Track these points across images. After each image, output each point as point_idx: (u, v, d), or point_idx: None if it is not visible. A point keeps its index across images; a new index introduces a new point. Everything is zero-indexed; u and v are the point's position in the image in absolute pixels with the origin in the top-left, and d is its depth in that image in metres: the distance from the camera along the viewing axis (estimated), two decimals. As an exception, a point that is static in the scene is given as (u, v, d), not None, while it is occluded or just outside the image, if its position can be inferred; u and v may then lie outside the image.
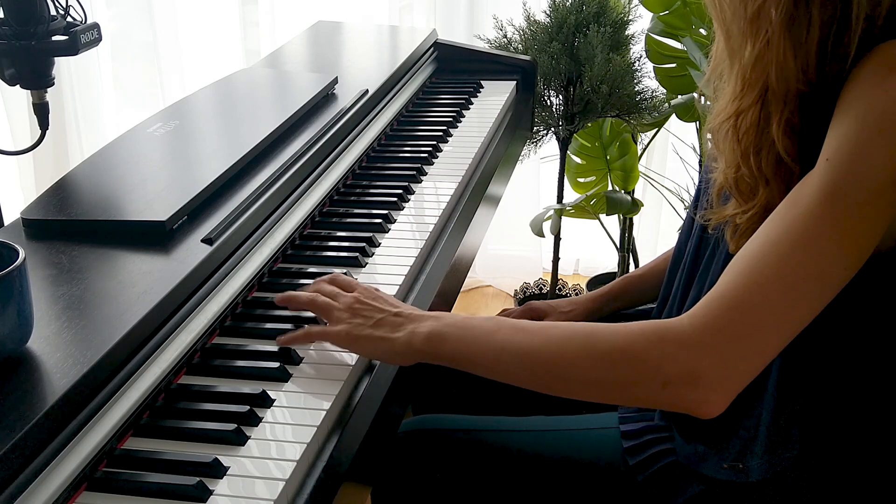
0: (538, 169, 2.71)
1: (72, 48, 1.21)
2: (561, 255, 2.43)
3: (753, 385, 0.93)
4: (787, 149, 0.84)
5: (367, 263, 1.15)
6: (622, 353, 0.83)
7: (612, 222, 2.51)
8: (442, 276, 1.17)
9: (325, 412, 0.87)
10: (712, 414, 0.81)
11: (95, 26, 1.24)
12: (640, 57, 2.21)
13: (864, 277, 0.82)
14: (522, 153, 2.14)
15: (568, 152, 2.34)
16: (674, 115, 2.27)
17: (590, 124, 2.29)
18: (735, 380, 0.80)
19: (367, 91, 1.52)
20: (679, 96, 2.23)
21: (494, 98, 1.74)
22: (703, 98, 1.02)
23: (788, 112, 0.84)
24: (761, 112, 0.86)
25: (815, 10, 0.81)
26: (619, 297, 1.30)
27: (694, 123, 2.28)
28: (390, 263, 1.15)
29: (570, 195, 2.43)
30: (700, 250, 1.04)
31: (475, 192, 1.40)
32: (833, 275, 0.79)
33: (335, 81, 1.53)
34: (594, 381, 0.85)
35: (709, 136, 0.96)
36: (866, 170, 0.77)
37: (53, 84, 1.25)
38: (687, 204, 2.42)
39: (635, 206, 2.36)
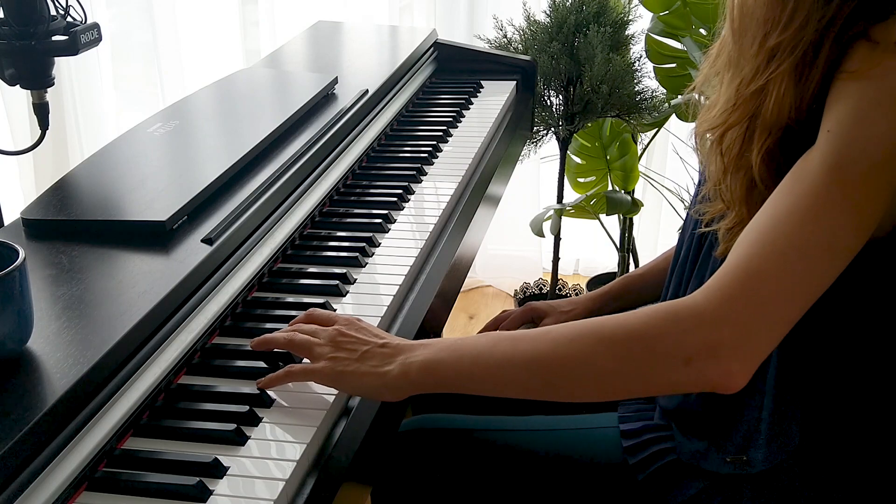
0: (538, 169, 2.71)
1: (72, 48, 1.21)
2: (561, 255, 2.43)
3: (753, 379, 0.93)
4: (762, 175, 0.85)
5: (367, 263, 1.15)
6: (638, 337, 0.81)
7: (612, 222, 2.51)
8: (442, 276, 1.17)
9: (325, 412, 0.87)
10: (737, 386, 0.79)
11: (95, 26, 1.24)
12: (640, 57, 2.21)
13: (862, 265, 0.82)
14: (522, 153, 2.14)
15: (568, 152, 2.34)
16: (674, 115, 2.27)
17: (590, 124, 2.29)
18: (755, 349, 0.79)
19: (367, 91, 1.52)
20: (679, 96, 2.23)
21: (494, 98, 1.74)
22: (700, 97, 1.02)
23: (771, 141, 0.85)
24: (746, 132, 0.87)
25: (823, 53, 0.82)
26: (620, 296, 1.30)
27: (694, 123, 2.28)
28: (390, 263, 1.15)
29: (570, 195, 2.43)
30: (698, 248, 1.04)
31: (475, 192, 1.40)
32: (844, 243, 0.79)
33: (335, 81, 1.53)
34: (612, 372, 0.82)
35: (693, 140, 0.97)
36: (868, 139, 0.78)
37: (53, 84, 1.25)
38: (687, 204, 2.42)
39: (635, 206, 2.36)
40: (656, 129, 2.39)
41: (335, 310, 1.03)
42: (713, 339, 0.79)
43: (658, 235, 2.79)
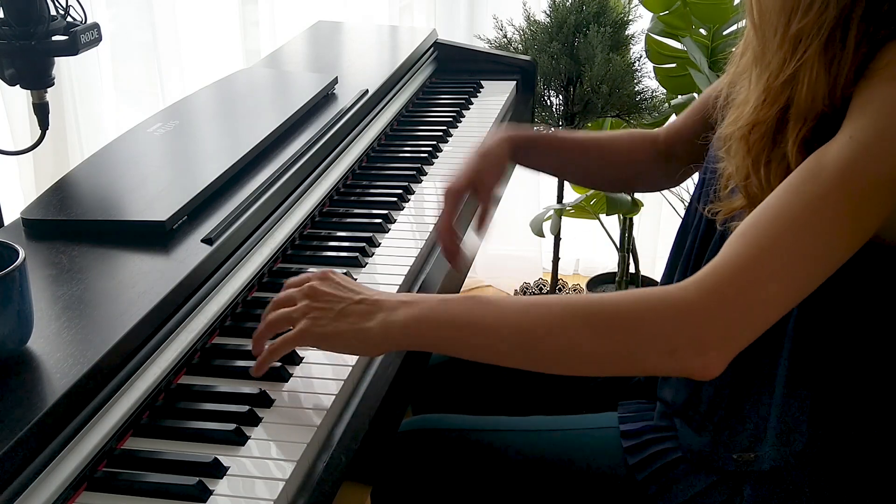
0: (538, 169, 2.70)
1: (72, 48, 1.21)
2: (561, 255, 2.43)
3: (763, 376, 0.93)
4: (798, 164, 0.84)
5: (367, 263, 1.15)
6: (629, 323, 0.81)
7: (612, 222, 2.51)
8: (442, 276, 1.17)
9: (325, 412, 0.87)
10: (713, 375, 0.81)
11: (95, 26, 1.24)
12: (640, 57, 2.21)
13: (872, 271, 0.82)
14: (522, 153, 2.14)
15: (568, 152, 2.33)
16: (674, 115, 2.26)
17: (590, 124, 2.29)
18: (737, 345, 0.81)
19: (367, 91, 1.52)
20: (679, 96, 2.23)
21: (494, 98, 1.74)
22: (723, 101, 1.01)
23: (806, 130, 0.84)
24: (776, 125, 0.86)
25: (851, 34, 0.81)
26: (533, 146, 1.20)
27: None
28: (390, 263, 1.15)
29: (570, 195, 2.43)
30: (705, 241, 1.04)
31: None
32: (838, 252, 0.80)
33: (335, 81, 1.53)
34: (596, 354, 0.83)
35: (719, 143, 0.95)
36: (888, 153, 0.78)
37: (53, 84, 1.25)
38: (686, 203, 2.42)
39: (635, 206, 2.36)
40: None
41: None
42: (700, 335, 0.80)
43: (658, 235, 2.79)
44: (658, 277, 2.43)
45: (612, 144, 1.24)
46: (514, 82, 1.83)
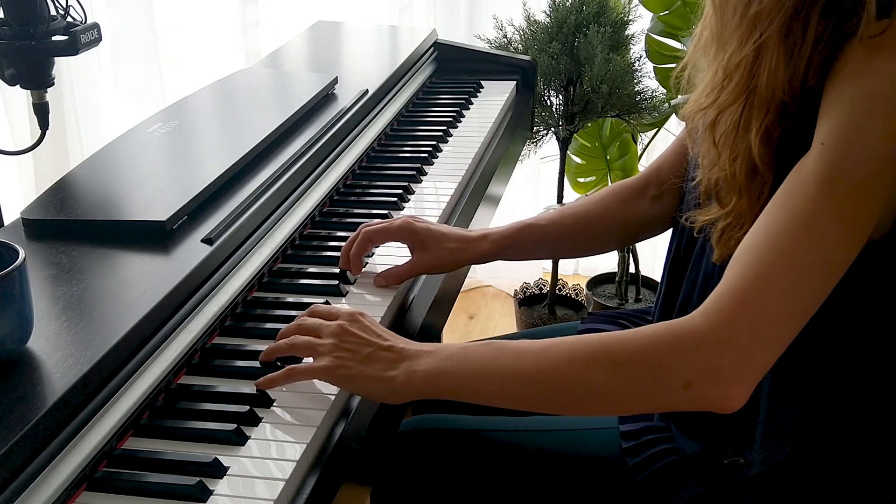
0: (538, 169, 2.71)
1: (72, 48, 1.21)
2: (561, 255, 2.43)
3: None
4: (762, 157, 0.85)
5: (367, 263, 1.15)
6: (640, 360, 0.82)
7: (612, 222, 2.51)
8: (441, 277, 1.17)
9: (324, 412, 0.87)
10: (735, 407, 0.80)
11: (95, 26, 1.24)
12: (640, 57, 2.22)
13: (858, 268, 0.82)
14: (522, 153, 2.14)
15: (568, 152, 2.34)
16: (674, 115, 2.27)
17: (590, 124, 2.30)
18: (754, 371, 0.80)
19: (367, 91, 1.53)
20: (679, 96, 2.22)
21: (494, 98, 1.74)
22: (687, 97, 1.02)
23: (769, 121, 0.84)
24: (742, 114, 0.86)
25: (811, 26, 0.81)
26: (519, 244, 1.18)
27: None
28: (390, 264, 1.14)
29: (570, 195, 2.43)
30: (689, 248, 1.05)
31: (475, 192, 1.40)
32: (838, 258, 0.79)
33: (335, 81, 1.53)
34: (613, 394, 0.83)
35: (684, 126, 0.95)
36: (861, 151, 0.78)
37: (53, 84, 1.25)
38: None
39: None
40: (656, 129, 2.39)
41: (335, 310, 1.03)
42: (713, 364, 0.79)
43: (658, 235, 2.79)
44: (658, 277, 2.43)
45: (601, 211, 1.21)
46: (514, 82, 1.83)
